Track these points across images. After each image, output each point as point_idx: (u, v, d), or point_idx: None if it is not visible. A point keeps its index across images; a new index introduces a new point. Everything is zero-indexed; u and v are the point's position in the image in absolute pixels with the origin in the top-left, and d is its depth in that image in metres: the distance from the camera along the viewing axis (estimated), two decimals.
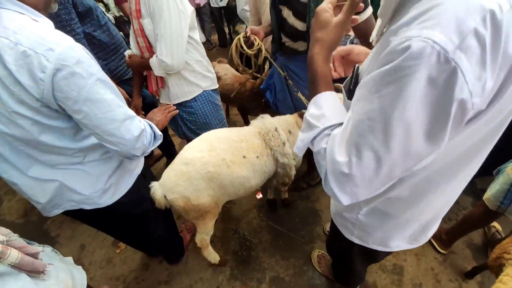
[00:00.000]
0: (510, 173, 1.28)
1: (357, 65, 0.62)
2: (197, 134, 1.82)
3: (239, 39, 1.42)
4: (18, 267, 0.76)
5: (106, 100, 0.84)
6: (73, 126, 0.92)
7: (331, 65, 0.82)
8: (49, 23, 0.81)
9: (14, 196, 2.57)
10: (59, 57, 0.74)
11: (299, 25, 1.35)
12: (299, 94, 1.49)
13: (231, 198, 1.47)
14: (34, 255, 0.80)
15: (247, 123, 2.53)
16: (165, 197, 1.31)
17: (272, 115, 1.56)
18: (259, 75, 1.59)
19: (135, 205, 1.28)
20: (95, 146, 1.00)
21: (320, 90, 0.62)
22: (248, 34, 1.43)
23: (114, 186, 1.12)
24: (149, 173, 1.45)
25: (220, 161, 1.29)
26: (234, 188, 1.37)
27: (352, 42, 1.88)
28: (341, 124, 0.58)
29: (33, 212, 2.38)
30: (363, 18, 1.22)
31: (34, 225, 2.28)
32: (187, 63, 1.48)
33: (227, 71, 2.23)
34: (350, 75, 0.65)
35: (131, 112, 0.93)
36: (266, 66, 1.89)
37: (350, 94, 0.60)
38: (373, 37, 0.61)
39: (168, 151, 2.43)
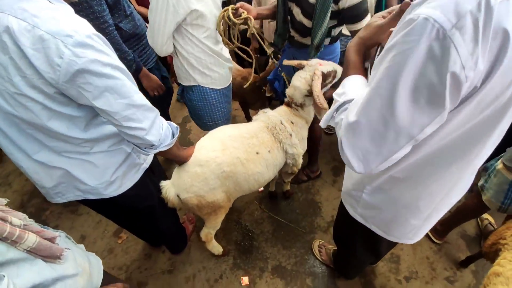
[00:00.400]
0: (505, 173, 1.31)
1: (382, 43, 0.68)
2: (193, 119, 1.89)
3: (227, 9, 1.42)
4: (34, 252, 0.75)
5: (125, 86, 0.85)
6: (84, 116, 0.91)
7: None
8: (69, 9, 0.80)
9: (10, 187, 2.53)
10: (78, 44, 0.73)
11: (306, 22, 1.39)
12: (283, 74, 1.58)
13: (244, 194, 1.48)
14: (52, 240, 0.80)
15: (248, 117, 2.54)
16: (177, 196, 1.30)
17: (272, 109, 1.59)
18: (244, 48, 1.55)
19: (141, 199, 1.28)
20: (103, 137, 1.00)
21: (349, 74, 0.70)
22: (237, 6, 1.41)
23: (120, 179, 1.12)
24: (159, 169, 1.44)
25: (235, 160, 1.29)
26: (249, 184, 1.39)
27: None
28: None
29: (30, 203, 2.36)
30: (363, 25, 1.28)
31: (32, 216, 2.19)
32: (183, 55, 1.53)
33: None
34: (376, 53, 0.71)
35: (146, 99, 0.94)
36: (271, 60, 1.90)
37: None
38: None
39: None
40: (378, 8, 1.77)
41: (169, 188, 1.28)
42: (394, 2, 1.71)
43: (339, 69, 1.43)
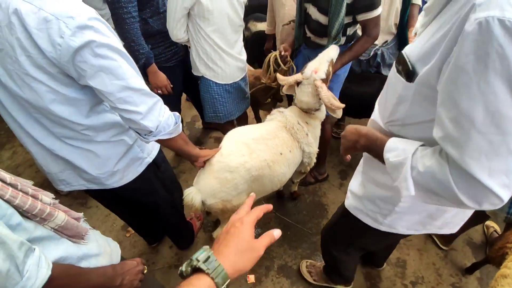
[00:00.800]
0: None
1: (402, 52, 0.69)
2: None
3: (276, 56, 1.68)
4: (61, 230, 0.77)
5: (122, 68, 0.86)
6: (86, 100, 0.93)
7: None
8: None
9: None
10: (78, 25, 0.76)
11: (323, 19, 1.45)
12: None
13: (266, 194, 1.51)
14: (77, 220, 0.83)
15: (257, 117, 2.58)
16: (202, 201, 1.29)
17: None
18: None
19: (144, 193, 1.30)
20: (105, 126, 1.01)
21: (385, 141, 0.71)
22: (283, 53, 1.67)
23: (122, 171, 1.14)
24: (165, 164, 1.44)
25: (263, 163, 1.30)
26: (272, 185, 1.41)
27: (376, 52, 1.96)
28: (423, 144, 0.65)
29: None
30: (374, 14, 1.38)
31: None
32: (193, 45, 1.66)
33: None
34: (396, 61, 0.72)
35: (144, 84, 0.94)
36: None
37: (410, 77, 0.65)
38: (416, 29, 0.71)
39: None
40: (403, 16, 1.82)
41: (195, 195, 1.25)
42: (416, 10, 1.76)
43: (333, 51, 1.43)
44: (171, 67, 1.87)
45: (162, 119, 0.98)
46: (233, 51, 1.72)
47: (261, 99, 2.25)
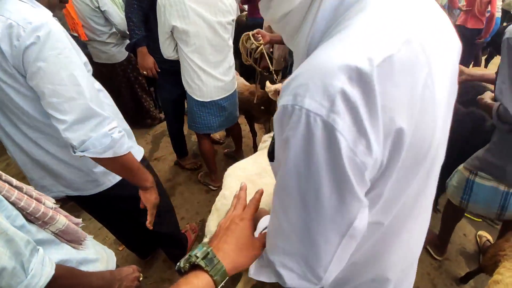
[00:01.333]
0: (463, 171, 1.44)
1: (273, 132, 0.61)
2: None
3: (248, 35, 1.77)
4: (61, 235, 0.78)
5: (60, 74, 0.86)
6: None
7: None
8: (46, 11, 0.91)
9: None
10: (33, 28, 0.82)
11: None
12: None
13: None
14: (77, 225, 0.84)
15: (253, 131, 2.63)
16: None
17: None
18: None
19: (123, 200, 1.29)
20: None
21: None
22: (255, 32, 1.81)
23: (99, 179, 1.15)
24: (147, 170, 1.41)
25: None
26: None
27: None
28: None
29: None
30: None
31: None
32: (180, 61, 1.84)
33: (238, 80, 2.36)
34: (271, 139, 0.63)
35: (90, 102, 0.89)
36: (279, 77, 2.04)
37: (271, 157, 0.56)
38: None
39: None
40: None
41: None
42: None
43: None
44: (174, 72, 1.97)
45: (94, 135, 0.89)
46: (215, 71, 1.83)
47: (255, 113, 2.31)
